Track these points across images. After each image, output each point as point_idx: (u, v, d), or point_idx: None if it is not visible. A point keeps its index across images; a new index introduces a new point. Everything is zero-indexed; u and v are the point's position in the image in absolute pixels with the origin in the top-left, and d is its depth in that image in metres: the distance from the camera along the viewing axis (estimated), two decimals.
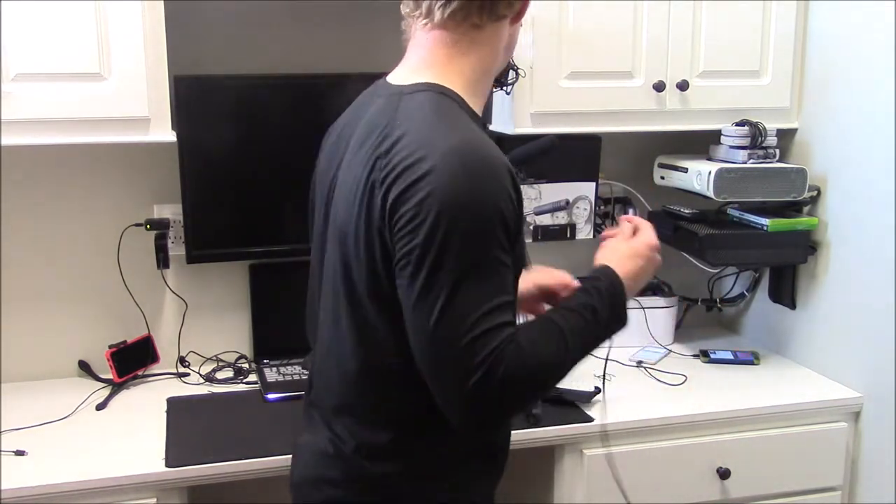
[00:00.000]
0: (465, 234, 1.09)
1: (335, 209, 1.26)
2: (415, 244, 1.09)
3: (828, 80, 2.07)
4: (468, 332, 1.08)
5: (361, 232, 1.17)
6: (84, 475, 1.60)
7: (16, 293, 2.05)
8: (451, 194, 1.09)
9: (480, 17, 1.21)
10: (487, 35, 1.24)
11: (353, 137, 1.26)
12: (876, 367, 1.96)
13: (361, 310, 1.21)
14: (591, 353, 1.24)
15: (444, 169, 1.09)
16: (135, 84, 1.74)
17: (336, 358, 1.28)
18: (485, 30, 1.23)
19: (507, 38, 1.28)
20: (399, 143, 1.14)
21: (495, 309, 1.10)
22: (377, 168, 1.15)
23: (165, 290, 2.14)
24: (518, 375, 1.11)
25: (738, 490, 1.95)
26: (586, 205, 2.24)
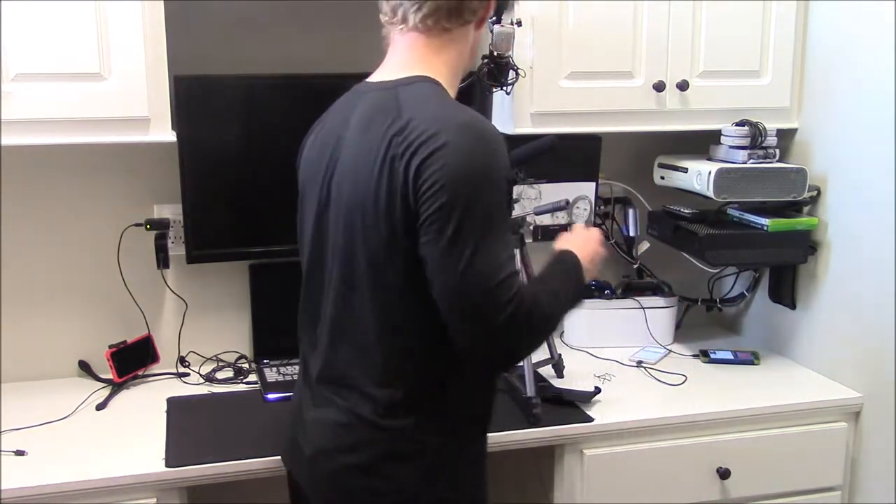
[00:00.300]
0: (485, 194, 1.24)
1: (338, 191, 1.37)
2: (441, 204, 1.23)
3: (828, 80, 2.07)
4: (496, 276, 1.23)
5: (382, 201, 1.28)
6: (84, 475, 1.60)
7: (16, 293, 2.05)
8: (469, 162, 1.24)
9: (449, 21, 1.37)
10: (455, 37, 1.40)
11: (349, 129, 1.38)
12: (876, 367, 1.96)
13: (379, 274, 1.32)
14: (567, 312, 1.42)
15: (461, 140, 1.24)
16: (135, 84, 1.74)
17: (349, 330, 1.39)
18: (453, 33, 1.39)
19: (475, 41, 1.44)
20: (412, 123, 1.27)
21: (509, 259, 1.27)
22: (394, 145, 1.27)
23: (165, 290, 2.15)
24: (535, 314, 1.28)
25: (738, 490, 1.95)
26: (586, 205, 2.24)
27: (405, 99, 1.32)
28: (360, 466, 1.38)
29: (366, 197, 1.31)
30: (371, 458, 1.38)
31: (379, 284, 1.33)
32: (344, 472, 1.39)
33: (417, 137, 1.26)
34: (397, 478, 1.37)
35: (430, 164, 1.24)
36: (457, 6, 1.37)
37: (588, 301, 2.31)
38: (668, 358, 2.25)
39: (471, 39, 1.43)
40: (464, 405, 1.43)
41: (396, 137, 1.27)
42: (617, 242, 2.39)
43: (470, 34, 1.42)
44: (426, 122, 1.27)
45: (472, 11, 1.39)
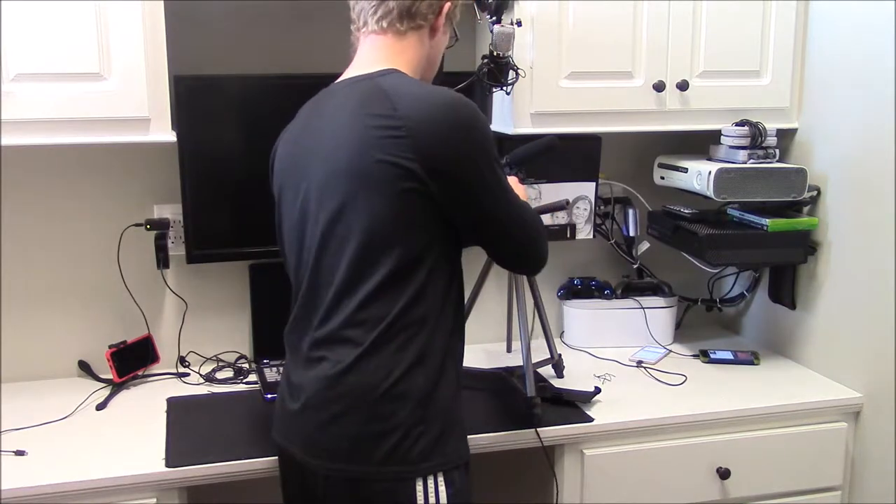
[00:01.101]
0: (493, 153, 1.42)
1: (324, 179, 1.43)
2: (464, 170, 1.38)
3: (828, 80, 2.07)
4: (532, 214, 1.53)
5: (387, 174, 1.36)
6: (84, 475, 1.60)
7: (16, 293, 2.05)
8: (472, 128, 1.38)
9: (401, 22, 1.48)
10: (412, 42, 1.50)
11: (327, 121, 1.46)
12: (876, 367, 1.96)
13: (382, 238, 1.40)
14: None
15: (461, 112, 1.38)
16: (135, 84, 1.74)
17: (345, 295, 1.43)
18: (407, 36, 1.49)
19: (430, 49, 1.53)
20: (402, 102, 1.37)
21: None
22: (388, 126, 1.36)
23: (165, 290, 2.15)
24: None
25: (738, 490, 1.95)
26: (586, 205, 2.24)
27: (386, 85, 1.41)
28: (360, 409, 1.41)
29: (362, 174, 1.38)
30: (361, 401, 1.41)
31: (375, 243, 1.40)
32: (343, 416, 1.42)
33: (413, 115, 1.35)
34: (394, 416, 1.40)
35: (439, 135, 1.35)
36: (407, 8, 1.47)
37: (588, 301, 2.32)
38: (668, 358, 2.25)
39: (426, 47, 1.52)
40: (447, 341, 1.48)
41: (389, 119, 1.36)
42: (617, 242, 2.39)
43: (425, 41, 1.51)
44: (418, 101, 1.37)
45: (423, 16, 1.49)
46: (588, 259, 2.42)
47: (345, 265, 1.42)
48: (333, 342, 1.44)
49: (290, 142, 1.56)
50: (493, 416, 1.85)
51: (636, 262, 2.40)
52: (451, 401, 1.47)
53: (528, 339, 1.90)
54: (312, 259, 1.47)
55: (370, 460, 1.40)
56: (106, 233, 2.07)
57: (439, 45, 1.56)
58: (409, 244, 1.39)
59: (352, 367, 1.41)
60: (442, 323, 1.45)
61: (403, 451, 1.40)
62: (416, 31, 1.50)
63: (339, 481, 1.44)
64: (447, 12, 1.52)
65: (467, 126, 1.38)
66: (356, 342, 1.42)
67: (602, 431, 1.85)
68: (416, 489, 1.40)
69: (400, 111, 1.36)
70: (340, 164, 1.40)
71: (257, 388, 2.01)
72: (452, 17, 1.56)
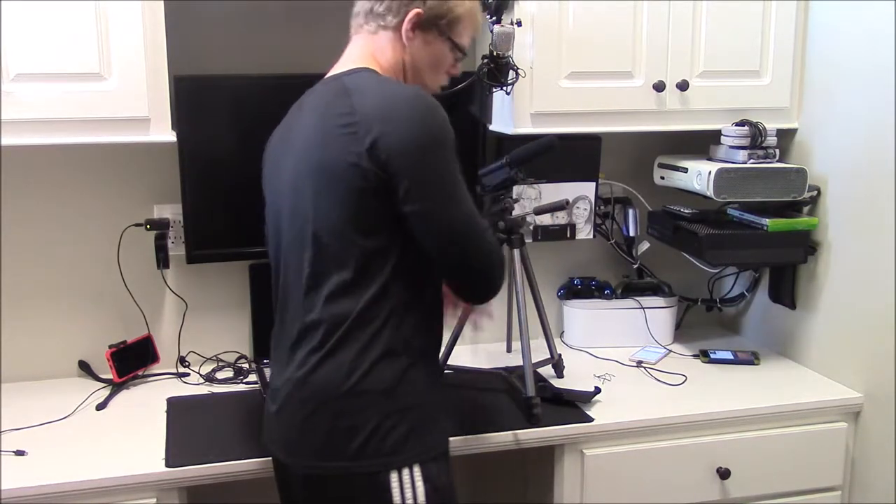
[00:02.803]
0: (448, 154, 1.39)
1: (296, 174, 1.46)
2: (416, 166, 1.36)
3: (828, 80, 2.07)
4: (480, 222, 1.44)
5: (346, 173, 1.37)
6: (84, 475, 1.60)
7: (16, 293, 2.05)
8: (428, 124, 1.37)
9: (367, 21, 1.52)
10: (382, 42, 1.52)
11: (301, 119, 1.50)
12: (876, 367, 1.96)
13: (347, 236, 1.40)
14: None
15: (417, 108, 1.37)
16: (135, 84, 1.74)
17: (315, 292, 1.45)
18: (379, 36, 1.52)
19: (410, 56, 1.53)
20: (360, 99, 1.39)
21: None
22: (347, 124, 1.37)
23: (165, 290, 2.15)
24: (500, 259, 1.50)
25: (738, 490, 1.95)
26: (586, 205, 2.24)
27: (350, 84, 1.43)
28: (327, 407, 1.42)
29: (323, 172, 1.40)
30: (328, 399, 1.42)
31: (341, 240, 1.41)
32: (313, 416, 1.43)
33: (371, 112, 1.37)
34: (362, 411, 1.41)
35: (393, 134, 1.35)
36: (370, 7, 1.52)
37: (588, 301, 2.32)
38: (668, 358, 2.25)
39: (402, 51, 1.52)
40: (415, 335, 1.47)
41: (348, 116, 1.37)
42: (617, 242, 2.39)
43: (397, 44, 1.51)
44: (378, 98, 1.38)
45: (382, 16, 1.51)
46: (588, 259, 2.42)
47: (307, 265, 1.44)
48: (301, 342, 1.46)
49: (274, 142, 1.59)
50: (492, 416, 1.85)
51: (636, 262, 2.40)
52: (425, 394, 1.47)
53: (528, 339, 1.90)
54: (284, 260, 1.50)
55: (343, 456, 1.41)
56: (106, 233, 2.07)
57: (422, 53, 1.54)
58: (369, 242, 1.40)
59: (316, 367, 1.43)
60: (410, 318, 1.44)
61: (375, 445, 1.41)
62: (384, 31, 1.51)
63: (315, 479, 1.45)
64: (417, 20, 1.50)
65: (423, 121, 1.37)
66: (321, 342, 1.43)
67: (602, 431, 1.85)
68: (391, 482, 1.41)
69: (357, 108, 1.38)
70: (307, 163, 1.43)
71: (257, 388, 2.01)
72: (445, 29, 1.53)
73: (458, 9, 1.54)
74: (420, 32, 1.52)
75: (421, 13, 1.50)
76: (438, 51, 1.55)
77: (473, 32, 1.60)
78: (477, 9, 1.59)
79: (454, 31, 1.55)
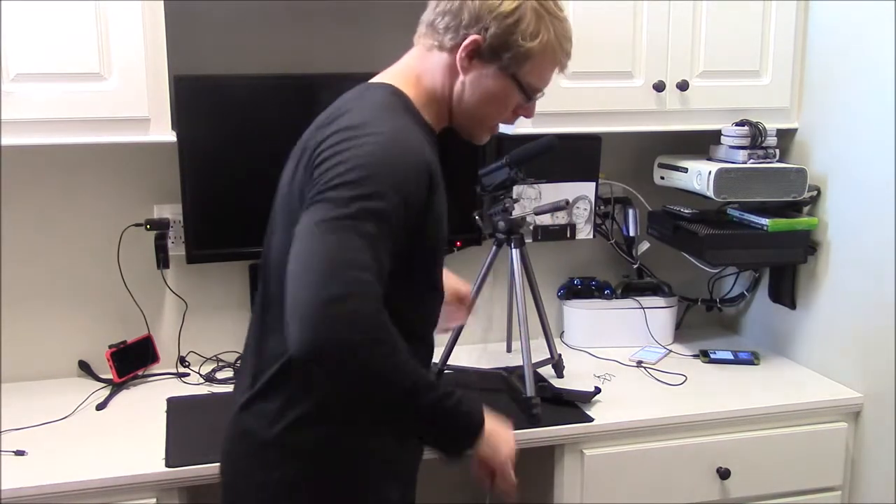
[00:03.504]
0: (375, 188, 1.15)
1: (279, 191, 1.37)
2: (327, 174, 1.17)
3: (828, 80, 2.07)
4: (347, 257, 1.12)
5: (291, 200, 1.27)
6: (84, 475, 1.60)
7: (16, 293, 2.05)
8: (369, 156, 1.17)
9: (427, 35, 1.34)
10: (433, 63, 1.33)
11: (312, 124, 1.37)
12: (876, 367, 1.96)
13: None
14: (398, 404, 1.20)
15: (372, 141, 1.19)
16: (135, 84, 1.74)
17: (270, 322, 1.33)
18: (432, 55, 1.33)
19: (463, 87, 1.32)
20: (342, 118, 1.25)
21: (372, 263, 1.13)
22: (316, 137, 1.26)
23: (165, 290, 2.15)
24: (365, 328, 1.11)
25: (738, 490, 1.95)
26: (586, 205, 2.24)
27: (359, 98, 1.30)
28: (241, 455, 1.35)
29: (283, 187, 1.33)
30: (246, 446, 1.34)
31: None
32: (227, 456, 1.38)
33: (337, 132, 1.22)
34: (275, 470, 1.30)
35: (330, 154, 1.19)
36: (432, 20, 1.32)
37: (588, 301, 2.32)
38: (668, 358, 2.24)
39: (450, 75, 1.32)
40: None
41: (321, 130, 1.26)
42: (617, 242, 2.39)
43: (451, 69, 1.31)
44: (354, 120, 1.23)
45: (440, 34, 1.31)
46: (588, 259, 2.42)
47: (261, 284, 1.36)
48: (243, 370, 1.39)
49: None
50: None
51: (636, 262, 2.40)
52: (359, 463, 1.30)
53: (528, 339, 1.90)
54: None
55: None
56: (106, 233, 2.07)
57: (477, 87, 1.32)
58: None
59: (245, 407, 1.33)
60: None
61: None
62: (440, 51, 1.32)
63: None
64: (474, 49, 1.28)
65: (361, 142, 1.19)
66: (253, 380, 1.33)
67: (602, 431, 1.85)
68: None
69: (324, 128, 1.25)
70: (285, 177, 1.34)
71: None
72: (509, 65, 1.30)
73: (528, 43, 1.28)
74: (479, 63, 1.30)
75: (479, 41, 1.28)
76: (499, 88, 1.33)
77: (551, 71, 1.36)
78: (558, 44, 1.32)
79: (521, 68, 1.31)
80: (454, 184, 1.50)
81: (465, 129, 1.39)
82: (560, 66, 1.37)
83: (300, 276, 1.12)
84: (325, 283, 1.10)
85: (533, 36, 1.28)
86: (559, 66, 1.36)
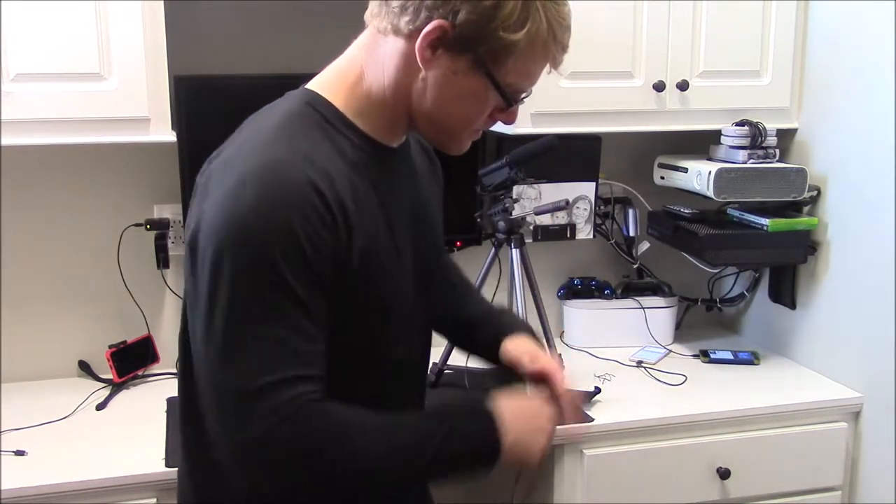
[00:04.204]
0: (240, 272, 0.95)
1: None
2: (196, 279, 0.99)
3: (828, 80, 2.07)
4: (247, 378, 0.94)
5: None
6: (84, 475, 1.60)
7: (16, 293, 2.05)
8: (227, 226, 0.96)
9: (383, 20, 1.04)
10: (391, 53, 1.05)
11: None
12: (876, 367, 1.96)
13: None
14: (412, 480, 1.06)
15: (231, 195, 0.97)
16: (135, 84, 1.74)
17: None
18: (388, 42, 1.05)
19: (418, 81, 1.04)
20: (223, 151, 1.08)
21: (285, 359, 0.95)
22: (202, 176, 1.10)
23: (165, 290, 2.14)
24: (314, 446, 0.96)
25: (738, 490, 1.95)
26: (586, 205, 2.24)
27: (260, 112, 1.14)
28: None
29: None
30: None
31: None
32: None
33: (209, 177, 1.06)
34: None
35: (200, 221, 1.00)
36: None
37: (588, 301, 2.32)
38: (668, 358, 2.24)
39: (407, 68, 1.03)
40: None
41: (208, 165, 1.11)
42: (617, 242, 2.39)
43: (409, 59, 1.02)
44: (224, 156, 1.07)
45: (402, 16, 1.01)
46: (588, 259, 2.42)
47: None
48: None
49: None
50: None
51: (636, 262, 2.40)
52: None
53: None
54: None
55: None
56: (106, 233, 2.07)
57: (443, 85, 1.03)
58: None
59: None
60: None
61: None
62: (396, 36, 1.03)
63: None
64: (439, 37, 0.99)
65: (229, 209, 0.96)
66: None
67: (602, 431, 1.85)
68: None
69: (210, 162, 1.09)
70: None
71: None
72: (484, 60, 1.00)
73: (511, 35, 0.99)
74: (445, 55, 1.01)
75: (446, 28, 0.98)
76: (470, 89, 1.03)
77: (541, 66, 1.06)
78: (550, 34, 1.03)
79: (500, 65, 1.01)
80: (454, 184, 1.50)
81: (430, 136, 1.12)
82: (553, 60, 1.06)
83: (210, 406, 0.98)
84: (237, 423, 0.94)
85: (518, 25, 0.99)
86: (551, 61, 1.06)
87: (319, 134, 1.05)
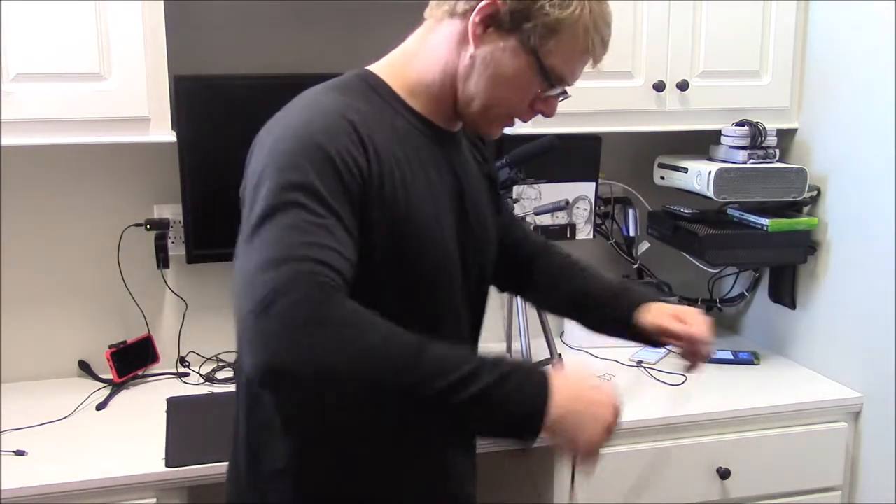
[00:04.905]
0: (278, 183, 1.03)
1: None
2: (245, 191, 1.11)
3: (828, 80, 2.07)
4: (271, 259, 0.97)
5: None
6: (84, 475, 1.60)
7: (16, 293, 2.05)
8: (272, 151, 1.07)
9: (438, 8, 1.14)
10: (445, 37, 1.13)
11: None
12: (876, 367, 1.96)
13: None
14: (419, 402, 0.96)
15: (279, 136, 1.08)
16: (135, 84, 1.74)
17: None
18: (443, 27, 1.13)
19: (466, 61, 1.12)
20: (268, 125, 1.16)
21: (311, 247, 0.97)
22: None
23: (165, 290, 2.14)
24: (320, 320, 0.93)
25: (738, 490, 1.95)
26: (586, 205, 2.24)
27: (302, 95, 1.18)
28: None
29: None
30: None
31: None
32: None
33: (258, 137, 1.17)
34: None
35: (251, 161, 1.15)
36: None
37: None
38: (668, 358, 2.24)
39: (458, 49, 1.12)
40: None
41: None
42: (617, 242, 2.39)
43: (461, 40, 1.11)
44: (278, 114, 1.16)
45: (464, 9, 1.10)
46: (588, 259, 2.38)
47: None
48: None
49: None
50: None
51: (636, 262, 2.40)
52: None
53: (528, 339, 1.90)
54: None
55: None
56: (106, 233, 2.07)
57: (490, 63, 1.11)
58: None
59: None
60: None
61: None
62: (451, 19, 1.11)
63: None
64: (491, 14, 1.08)
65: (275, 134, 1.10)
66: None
67: None
68: None
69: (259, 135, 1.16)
70: None
71: None
72: (530, 37, 1.09)
73: (557, 13, 1.07)
74: (495, 33, 1.09)
75: (498, 5, 1.07)
76: (515, 68, 1.11)
77: (581, 59, 1.15)
78: (592, 22, 1.12)
79: (545, 43, 1.09)
80: None
81: (471, 117, 1.17)
82: (593, 54, 1.14)
83: (234, 293, 0.98)
84: (245, 293, 0.95)
85: (563, 5, 1.08)
86: (591, 53, 1.14)
87: (369, 102, 1.13)
